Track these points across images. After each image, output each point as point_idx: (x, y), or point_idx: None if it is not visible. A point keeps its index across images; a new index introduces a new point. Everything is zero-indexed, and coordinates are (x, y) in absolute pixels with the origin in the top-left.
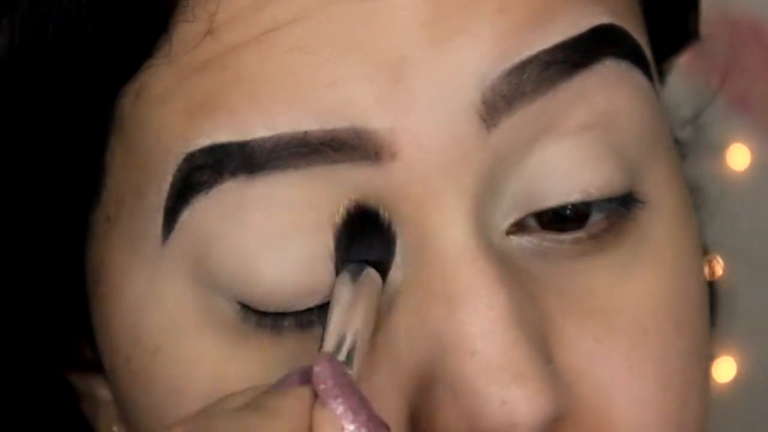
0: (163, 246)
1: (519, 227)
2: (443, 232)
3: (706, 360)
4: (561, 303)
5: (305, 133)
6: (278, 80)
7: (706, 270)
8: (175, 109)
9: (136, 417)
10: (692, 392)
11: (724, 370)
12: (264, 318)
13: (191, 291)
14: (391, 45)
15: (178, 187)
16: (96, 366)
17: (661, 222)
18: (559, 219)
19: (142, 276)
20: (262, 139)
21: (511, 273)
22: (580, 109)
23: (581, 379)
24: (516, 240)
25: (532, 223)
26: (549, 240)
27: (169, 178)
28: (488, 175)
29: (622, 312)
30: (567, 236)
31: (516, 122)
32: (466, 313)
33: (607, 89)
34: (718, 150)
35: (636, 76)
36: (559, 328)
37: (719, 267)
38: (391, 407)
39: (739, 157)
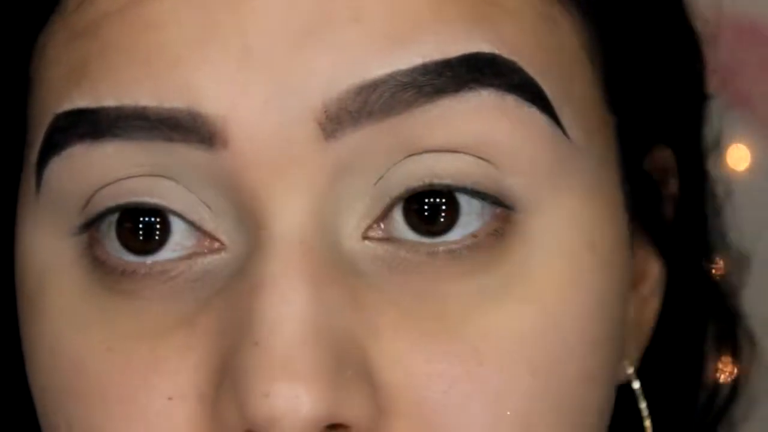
0: (37, 198)
1: (380, 234)
2: (271, 224)
3: (575, 408)
4: (399, 318)
5: (144, 108)
6: (131, 54)
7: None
8: (59, 71)
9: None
10: None
11: (725, 369)
12: (108, 272)
13: (55, 242)
14: (239, 34)
15: (43, 147)
16: None
17: (547, 259)
18: (427, 216)
19: (27, 226)
20: (108, 108)
21: (339, 275)
22: (445, 132)
23: (402, 396)
24: (371, 246)
25: (399, 218)
26: (405, 249)
27: (41, 137)
28: (329, 180)
29: (462, 339)
30: (423, 240)
31: (363, 136)
32: (262, 303)
33: (481, 120)
34: (718, 150)
35: (526, 111)
36: (387, 342)
37: (719, 267)
38: (191, 389)
39: (739, 157)
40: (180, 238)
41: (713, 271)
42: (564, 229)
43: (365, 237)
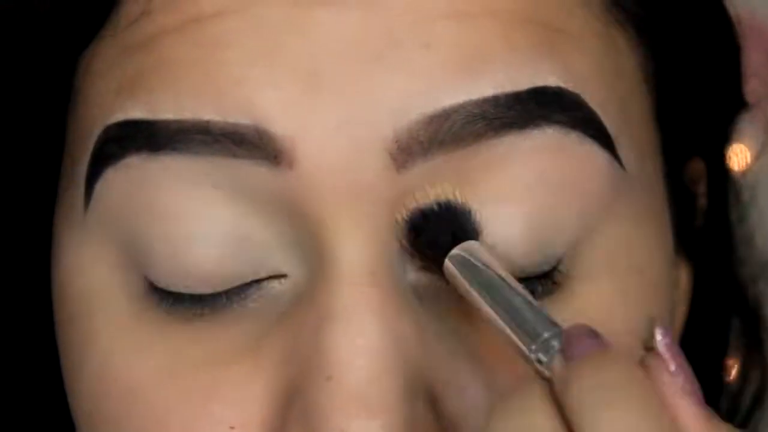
0: (85, 215)
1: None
2: (338, 253)
3: None
4: (456, 345)
5: (207, 122)
6: (192, 69)
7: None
8: (109, 83)
9: (68, 395)
10: None
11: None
12: (165, 296)
13: (105, 262)
14: (306, 56)
15: (94, 158)
16: None
17: (594, 287)
18: None
19: (72, 244)
20: (168, 121)
21: (407, 306)
22: (505, 174)
23: (465, 424)
24: (431, 276)
25: None
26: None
27: (91, 149)
28: (398, 207)
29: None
30: None
31: (431, 167)
32: (334, 336)
33: (543, 157)
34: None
35: (586, 148)
36: (449, 370)
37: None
38: (254, 418)
39: (739, 157)
40: (244, 285)
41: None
42: (612, 254)
43: (425, 268)
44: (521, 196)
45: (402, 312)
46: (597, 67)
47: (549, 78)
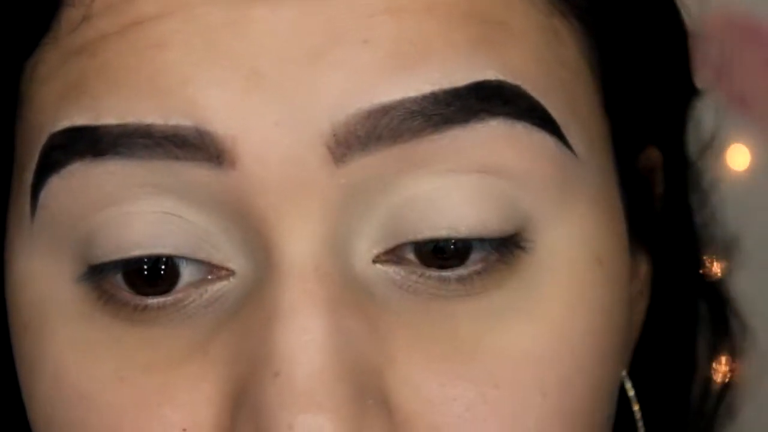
0: (32, 224)
1: (391, 258)
2: (282, 250)
3: (582, 423)
4: (412, 340)
5: (149, 125)
6: (134, 73)
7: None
8: (53, 89)
9: (25, 403)
10: None
11: (725, 369)
12: (111, 297)
13: (53, 270)
14: (247, 56)
15: (39, 167)
16: None
17: (555, 277)
18: (438, 255)
19: (23, 252)
20: (110, 126)
21: (355, 301)
22: (455, 159)
23: (419, 421)
24: (382, 269)
25: (411, 256)
26: (417, 274)
27: (36, 157)
28: (340, 206)
29: (476, 361)
30: (433, 272)
31: (372, 162)
32: (280, 333)
33: (490, 148)
34: (718, 150)
35: (534, 137)
36: (401, 366)
37: (719, 267)
38: (205, 420)
39: (739, 157)
40: (189, 275)
41: (709, 271)
42: (571, 244)
43: (375, 261)
44: (471, 173)
45: (350, 307)
46: (538, 58)
47: (488, 72)
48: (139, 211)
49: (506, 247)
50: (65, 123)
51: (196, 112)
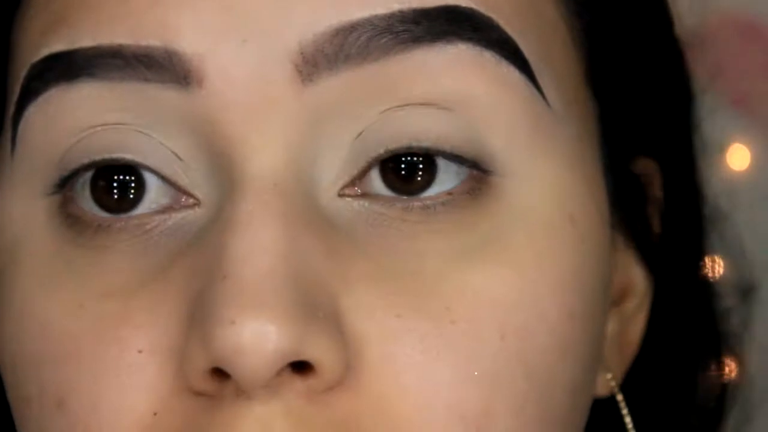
0: (12, 160)
1: (356, 191)
2: (247, 165)
3: (545, 377)
4: (372, 272)
5: (120, 45)
6: None
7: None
8: (37, 26)
9: None
10: (501, 402)
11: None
12: (76, 217)
13: (29, 204)
14: None
15: (19, 98)
16: None
17: (525, 225)
18: (403, 175)
19: (3, 196)
20: (85, 48)
21: (313, 221)
22: (423, 83)
23: (371, 348)
24: (348, 202)
25: (377, 181)
26: (380, 204)
27: (18, 90)
28: (306, 126)
29: (435, 296)
30: (397, 202)
31: (339, 82)
32: (233, 239)
33: (459, 72)
34: (718, 150)
35: (504, 69)
36: (361, 294)
37: (719, 267)
38: (161, 340)
39: (739, 157)
40: (155, 196)
41: (710, 274)
42: (543, 196)
43: (341, 194)
44: (446, 99)
45: (308, 228)
46: (512, 1)
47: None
48: (109, 130)
49: (473, 170)
50: (44, 51)
51: (166, 33)
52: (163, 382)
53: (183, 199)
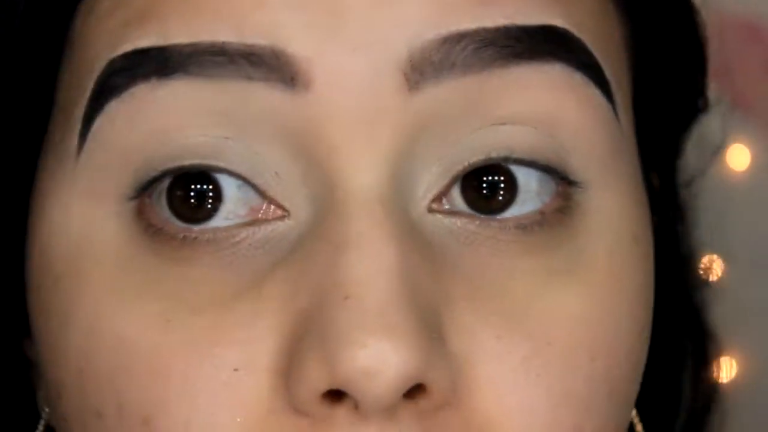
0: (77, 160)
1: (444, 207)
2: (351, 179)
3: (622, 394)
4: (469, 291)
5: (223, 43)
6: None
7: (705, 271)
8: (114, 21)
9: (43, 368)
10: (589, 421)
11: (725, 370)
12: (155, 231)
13: (96, 208)
14: None
15: (95, 93)
16: None
17: (603, 243)
18: (485, 193)
19: (59, 199)
20: (181, 45)
21: (417, 242)
22: (518, 100)
23: (474, 369)
24: (438, 218)
25: (460, 202)
26: (474, 224)
27: (91, 86)
28: (408, 137)
29: (531, 318)
30: (491, 220)
31: (442, 93)
32: (350, 259)
33: (552, 91)
34: (718, 150)
35: (591, 92)
36: (460, 313)
37: (719, 267)
38: (259, 358)
39: (739, 157)
40: (233, 206)
41: (710, 274)
42: (615, 217)
43: (431, 210)
44: (539, 119)
45: (414, 243)
46: (594, 25)
47: (557, 19)
48: (200, 131)
49: (560, 186)
50: (127, 47)
51: (273, 32)
52: (261, 402)
53: (271, 210)
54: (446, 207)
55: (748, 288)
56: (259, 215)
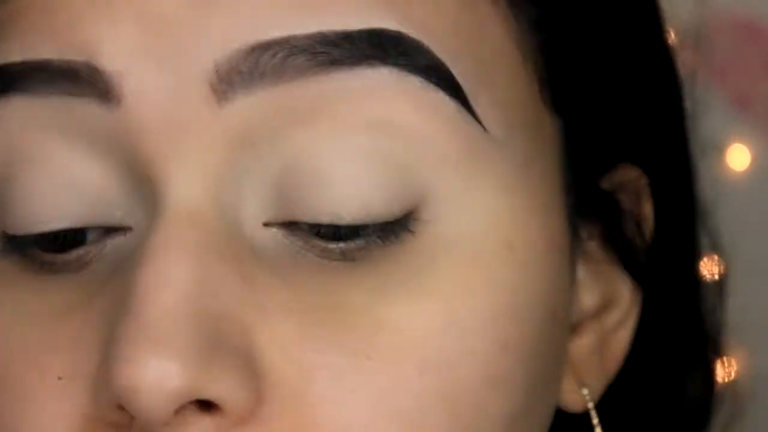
0: None
1: (283, 223)
2: (166, 192)
3: (481, 413)
4: (292, 302)
5: (46, 60)
6: (37, 14)
7: (706, 270)
8: None
9: None
10: None
11: (726, 370)
12: (21, 248)
13: None
14: None
15: None
16: None
17: (455, 256)
18: (323, 236)
19: None
20: (14, 62)
21: (230, 250)
22: (343, 108)
23: (285, 383)
24: (273, 232)
25: (303, 226)
26: (303, 240)
27: None
28: (223, 149)
29: (354, 331)
30: (318, 242)
31: (256, 102)
32: (140, 273)
33: (379, 98)
34: (718, 150)
35: (431, 94)
36: (276, 325)
37: (719, 267)
38: (81, 369)
39: (739, 157)
40: (94, 237)
41: (710, 274)
42: (477, 224)
43: (266, 224)
44: (360, 131)
45: (224, 258)
46: (449, 23)
47: (388, 22)
48: (40, 179)
49: (392, 231)
50: None
51: (88, 48)
52: (81, 410)
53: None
54: (284, 220)
55: (748, 288)
56: (108, 234)
